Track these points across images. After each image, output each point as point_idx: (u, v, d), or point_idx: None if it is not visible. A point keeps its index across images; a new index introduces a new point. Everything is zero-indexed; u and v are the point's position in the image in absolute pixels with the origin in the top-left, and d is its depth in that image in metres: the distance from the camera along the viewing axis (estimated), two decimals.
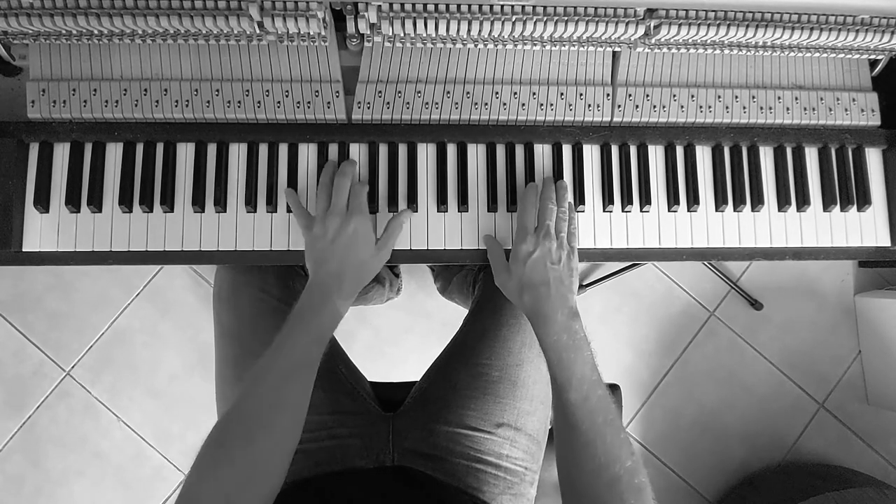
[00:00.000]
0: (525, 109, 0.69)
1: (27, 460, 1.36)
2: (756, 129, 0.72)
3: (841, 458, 1.45)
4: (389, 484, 0.64)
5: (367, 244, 0.64)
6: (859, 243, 0.72)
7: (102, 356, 1.38)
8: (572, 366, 0.57)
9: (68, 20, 0.58)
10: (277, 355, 0.56)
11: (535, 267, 0.61)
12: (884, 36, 0.64)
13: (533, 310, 0.61)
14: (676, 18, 0.61)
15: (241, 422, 0.52)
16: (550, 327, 0.59)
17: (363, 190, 0.65)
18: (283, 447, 0.53)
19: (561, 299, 0.60)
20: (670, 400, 1.45)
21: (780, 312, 1.48)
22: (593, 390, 0.56)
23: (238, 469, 0.49)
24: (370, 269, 0.64)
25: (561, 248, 0.63)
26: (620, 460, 0.52)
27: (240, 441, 0.51)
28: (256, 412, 0.53)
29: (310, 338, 0.58)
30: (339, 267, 0.61)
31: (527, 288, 0.61)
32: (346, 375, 0.75)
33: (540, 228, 0.63)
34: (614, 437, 0.53)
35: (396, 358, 1.43)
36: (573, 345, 0.58)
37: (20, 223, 0.65)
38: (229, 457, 0.50)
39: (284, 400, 0.54)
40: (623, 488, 0.51)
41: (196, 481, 0.48)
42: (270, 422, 0.52)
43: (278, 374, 0.55)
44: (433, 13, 0.60)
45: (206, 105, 0.66)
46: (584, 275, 1.47)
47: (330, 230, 0.62)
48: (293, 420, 0.54)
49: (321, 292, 0.60)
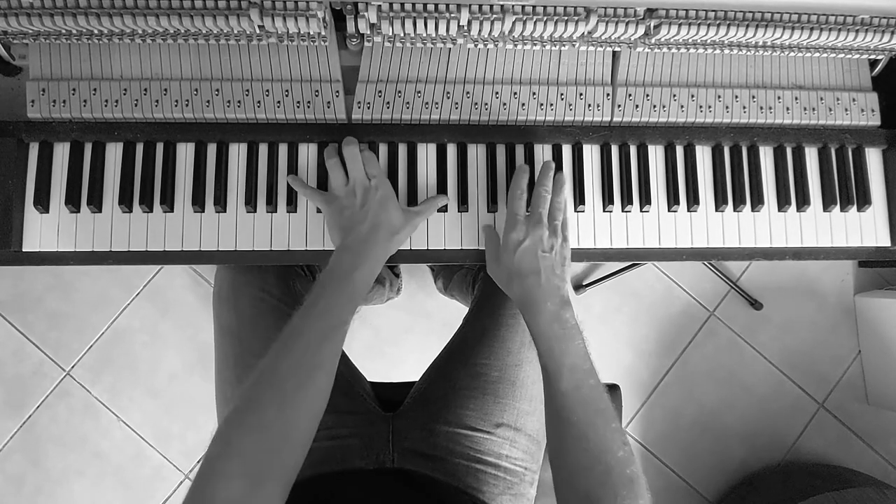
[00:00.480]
0: (525, 109, 0.69)
1: (27, 460, 1.36)
2: (756, 129, 0.72)
3: (841, 458, 1.45)
4: (389, 485, 0.64)
5: (396, 209, 0.63)
6: (859, 243, 0.72)
7: (102, 356, 1.38)
8: (563, 355, 0.56)
9: (68, 20, 0.58)
10: (310, 316, 0.55)
11: (524, 255, 0.61)
12: (884, 36, 0.64)
13: (523, 298, 0.60)
14: (676, 18, 0.61)
15: (275, 385, 0.50)
16: (541, 316, 0.58)
17: (375, 158, 0.64)
18: (315, 412, 0.52)
19: (552, 288, 0.59)
20: (670, 400, 1.45)
21: (780, 312, 1.48)
22: (585, 380, 0.55)
23: (272, 435, 0.47)
24: (401, 236, 0.63)
25: (554, 237, 0.62)
26: (612, 451, 0.51)
27: (274, 405, 0.49)
28: (291, 374, 0.51)
29: (342, 300, 0.57)
30: (371, 231, 0.60)
31: (516, 276, 0.61)
32: (346, 375, 0.75)
33: (532, 216, 0.63)
34: (605, 426, 0.53)
35: (396, 358, 1.43)
36: (564, 334, 0.57)
37: (20, 223, 0.65)
38: (262, 422, 0.48)
39: (319, 361, 0.53)
40: (615, 480, 0.50)
41: (223, 454, 0.46)
42: (305, 384, 0.51)
43: (313, 336, 0.53)
44: (433, 13, 0.60)
45: (206, 105, 0.66)
46: (584, 275, 1.47)
47: (358, 197, 0.62)
48: (326, 383, 0.53)
49: (352, 256, 0.59)
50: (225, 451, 0.46)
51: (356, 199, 0.62)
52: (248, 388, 0.51)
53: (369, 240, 0.60)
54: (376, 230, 0.61)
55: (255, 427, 0.47)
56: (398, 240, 0.63)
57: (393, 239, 0.62)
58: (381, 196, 0.62)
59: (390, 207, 0.62)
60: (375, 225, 0.61)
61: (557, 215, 0.64)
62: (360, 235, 0.60)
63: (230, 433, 0.47)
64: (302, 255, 0.67)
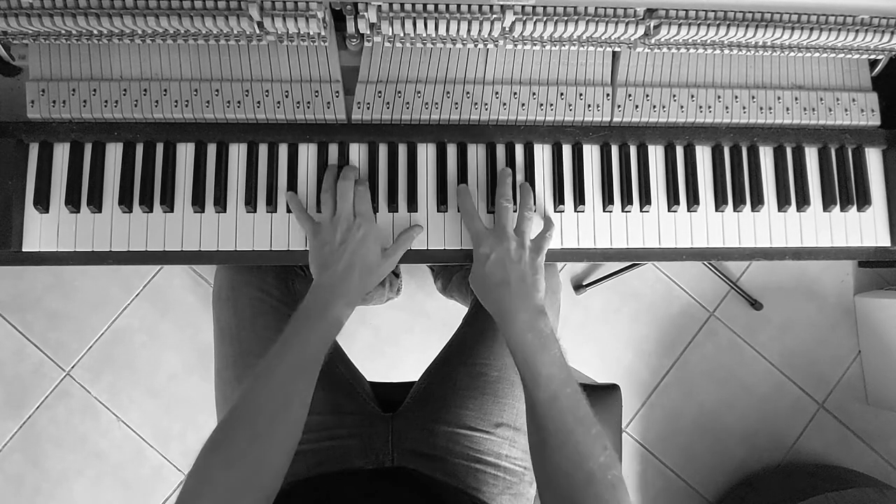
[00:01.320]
0: (525, 109, 0.69)
1: (27, 460, 1.36)
2: (756, 129, 0.72)
3: (841, 458, 1.45)
4: (388, 484, 0.64)
5: (375, 249, 0.64)
6: (859, 243, 0.72)
7: (102, 356, 1.38)
8: (539, 365, 0.57)
9: (68, 20, 0.58)
10: (284, 353, 0.56)
11: (494, 268, 0.62)
12: (884, 36, 0.64)
13: (496, 309, 0.61)
14: (676, 18, 0.61)
15: (247, 421, 0.52)
16: (514, 326, 0.59)
17: (367, 194, 0.65)
18: (288, 445, 0.53)
19: (524, 298, 0.60)
20: (670, 400, 1.45)
21: (780, 312, 1.48)
22: (562, 389, 0.55)
23: (244, 470, 0.49)
24: (376, 275, 0.64)
25: (521, 248, 0.63)
26: (594, 456, 0.52)
27: (246, 441, 0.50)
28: (263, 410, 0.52)
29: (314, 337, 0.58)
30: (346, 270, 0.61)
31: (489, 288, 0.62)
32: (346, 375, 0.75)
33: (496, 228, 0.64)
34: (586, 434, 0.53)
35: (396, 358, 1.43)
36: (539, 343, 0.58)
37: (20, 223, 0.65)
38: (235, 457, 0.49)
39: (292, 397, 0.54)
40: (597, 486, 0.50)
41: (196, 487, 0.48)
42: (278, 419, 0.52)
43: (286, 372, 0.55)
44: (433, 13, 0.60)
45: (205, 105, 0.66)
46: (585, 275, 1.47)
47: (339, 234, 0.62)
48: (298, 417, 0.54)
49: (326, 294, 0.60)
50: (200, 486, 0.48)
51: (336, 236, 0.62)
52: (223, 422, 0.52)
53: (343, 279, 0.61)
54: (351, 270, 0.61)
55: (228, 463, 0.49)
56: (375, 278, 0.64)
57: (368, 278, 0.63)
58: (362, 235, 0.62)
59: (369, 247, 0.63)
60: (350, 265, 0.61)
61: (525, 226, 0.64)
62: (336, 274, 0.61)
63: (205, 468, 0.49)
64: (302, 255, 0.66)
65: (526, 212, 0.65)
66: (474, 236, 0.64)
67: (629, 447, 1.44)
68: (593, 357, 1.46)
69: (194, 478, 0.48)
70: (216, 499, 0.47)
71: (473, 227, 0.65)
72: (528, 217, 0.65)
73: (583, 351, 1.45)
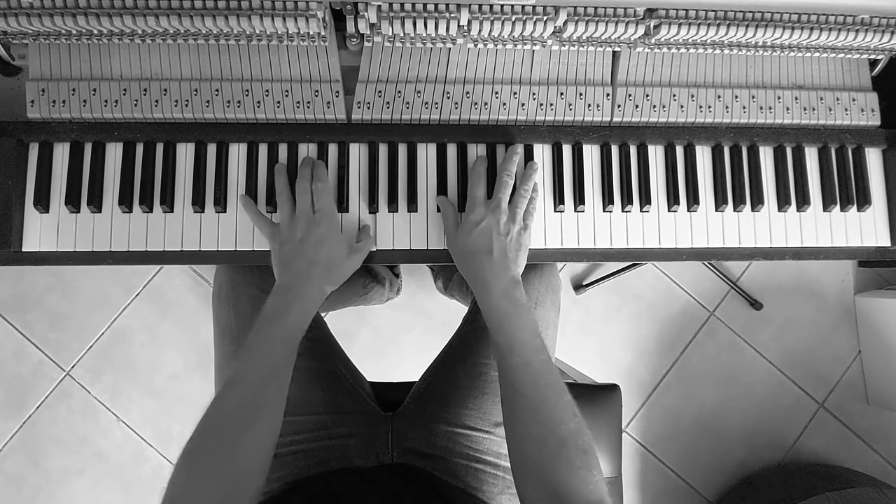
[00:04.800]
0: (525, 109, 0.69)
1: (27, 460, 1.36)
2: (756, 128, 0.72)
3: (841, 458, 1.45)
4: (388, 482, 0.64)
5: (338, 246, 0.62)
6: (859, 243, 0.72)
7: (102, 356, 1.38)
8: (513, 331, 0.57)
9: (68, 20, 0.58)
10: (249, 359, 0.55)
11: (480, 236, 0.61)
12: (884, 36, 0.64)
13: (472, 276, 0.61)
14: (676, 18, 0.61)
15: (219, 431, 0.51)
16: (490, 294, 0.59)
17: (327, 190, 0.63)
18: (263, 450, 0.52)
19: (502, 268, 0.60)
20: (670, 400, 1.45)
21: (780, 312, 1.48)
22: (535, 356, 0.56)
23: (220, 481, 0.48)
24: (342, 271, 0.63)
25: (512, 223, 0.63)
26: (564, 422, 0.53)
27: (219, 452, 0.49)
28: (234, 419, 0.52)
29: (281, 337, 0.57)
30: (308, 266, 0.60)
31: (469, 254, 0.62)
32: (346, 375, 0.75)
33: (492, 200, 0.64)
34: (557, 399, 0.54)
35: (396, 358, 1.43)
36: (514, 311, 0.58)
37: (20, 223, 0.65)
38: (209, 469, 0.49)
39: (262, 403, 0.53)
40: (569, 451, 0.51)
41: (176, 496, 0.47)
42: (249, 426, 0.51)
43: (253, 378, 0.54)
44: (433, 13, 0.60)
45: (205, 105, 0.66)
46: (585, 275, 1.47)
47: (298, 233, 0.61)
48: (272, 422, 0.54)
49: (289, 292, 0.59)
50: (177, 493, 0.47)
51: (296, 235, 0.61)
52: (196, 431, 0.51)
53: (303, 277, 0.59)
54: (312, 266, 0.60)
55: (203, 476, 0.49)
56: (339, 274, 0.62)
57: (330, 275, 0.61)
58: (322, 231, 0.61)
59: (330, 243, 0.61)
60: (312, 261, 0.60)
61: (520, 202, 0.64)
62: (296, 273, 0.60)
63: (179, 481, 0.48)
64: None
65: (523, 189, 0.65)
66: (470, 201, 0.64)
67: (629, 447, 1.44)
68: (593, 357, 1.46)
69: (172, 489, 0.48)
70: None
71: (474, 191, 0.64)
72: (525, 196, 0.65)
73: (583, 351, 1.45)
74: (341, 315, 1.39)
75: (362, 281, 1.16)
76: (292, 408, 0.58)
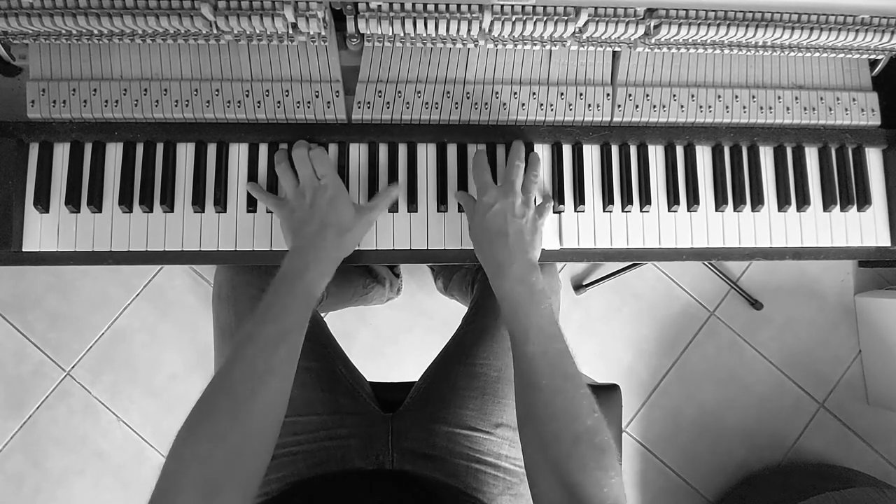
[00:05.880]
0: (525, 109, 0.69)
1: (27, 460, 1.36)
2: (756, 128, 0.72)
3: (841, 458, 1.45)
4: (388, 485, 0.64)
5: (347, 207, 0.62)
6: (859, 243, 0.72)
7: (102, 356, 1.38)
8: (529, 318, 0.55)
9: (68, 20, 0.58)
10: (262, 321, 0.54)
11: (494, 218, 0.61)
12: (884, 36, 0.64)
13: (488, 259, 0.60)
14: (676, 18, 0.61)
15: (228, 392, 0.49)
16: (506, 278, 0.58)
17: (325, 156, 0.63)
18: (273, 419, 0.50)
19: (519, 251, 0.59)
20: (670, 400, 1.45)
21: (780, 312, 1.48)
22: (552, 344, 0.54)
23: (227, 446, 0.46)
24: (353, 235, 0.62)
25: (526, 206, 0.62)
26: (580, 418, 0.50)
27: (227, 414, 0.47)
28: (245, 381, 0.49)
29: (295, 303, 0.56)
30: (319, 229, 0.60)
31: (485, 237, 0.61)
32: (346, 375, 0.75)
33: (504, 184, 0.63)
34: (574, 392, 0.51)
35: (396, 358, 1.43)
36: (530, 296, 0.56)
37: (20, 223, 0.65)
38: (216, 433, 0.46)
39: (272, 366, 0.51)
40: (583, 450, 0.48)
41: (177, 467, 0.44)
42: (259, 390, 0.49)
43: (265, 340, 0.52)
44: (433, 13, 0.60)
45: (206, 105, 0.66)
46: (585, 275, 1.47)
47: (307, 199, 0.61)
48: (282, 389, 0.52)
49: (302, 256, 0.58)
50: (178, 465, 0.45)
51: (305, 201, 0.61)
52: (202, 398, 0.49)
53: (318, 240, 0.59)
54: (325, 229, 0.60)
55: (209, 437, 0.46)
56: (351, 238, 0.62)
57: (344, 237, 0.61)
58: (331, 195, 0.61)
59: (340, 205, 0.61)
60: (324, 224, 0.60)
61: (531, 188, 0.64)
62: (309, 236, 0.60)
63: (183, 446, 0.46)
64: None
65: (532, 174, 0.65)
66: (481, 187, 0.63)
67: (629, 447, 1.44)
68: (593, 357, 1.46)
69: (172, 459, 0.45)
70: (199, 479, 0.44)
71: (482, 178, 0.64)
72: (534, 181, 0.65)
73: (583, 351, 1.45)
74: (341, 315, 1.39)
75: (362, 281, 1.16)
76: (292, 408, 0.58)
